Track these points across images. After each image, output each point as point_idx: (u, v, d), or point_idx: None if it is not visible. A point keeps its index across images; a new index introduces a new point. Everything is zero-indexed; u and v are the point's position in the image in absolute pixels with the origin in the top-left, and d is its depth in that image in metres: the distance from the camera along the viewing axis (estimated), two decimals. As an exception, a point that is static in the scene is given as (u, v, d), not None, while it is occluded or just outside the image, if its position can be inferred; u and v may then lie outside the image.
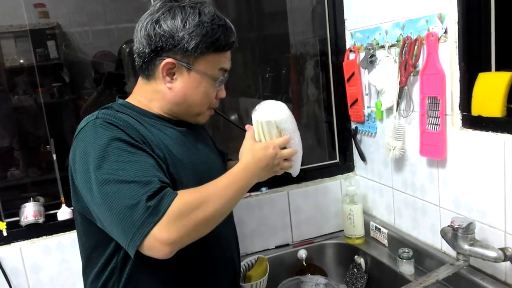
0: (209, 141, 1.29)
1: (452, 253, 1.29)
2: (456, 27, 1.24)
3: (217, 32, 1.05)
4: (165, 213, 0.88)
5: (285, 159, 1.13)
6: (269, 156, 1.09)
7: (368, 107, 1.68)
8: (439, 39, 1.29)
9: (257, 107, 1.14)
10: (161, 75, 1.07)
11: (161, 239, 0.87)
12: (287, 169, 1.16)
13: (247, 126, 1.15)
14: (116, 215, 0.89)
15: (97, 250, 1.06)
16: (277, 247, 1.75)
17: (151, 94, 1.11)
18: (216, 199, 0.96)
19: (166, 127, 1.10)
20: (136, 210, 0.87)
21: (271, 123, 1.11)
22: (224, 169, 1.18)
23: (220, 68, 1.11)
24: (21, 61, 1.59)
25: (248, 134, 1.13)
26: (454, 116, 1.29)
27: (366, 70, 1.61)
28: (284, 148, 1.12)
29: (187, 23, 1.03)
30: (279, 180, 1.15)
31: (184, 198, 0.91)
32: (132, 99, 1.13)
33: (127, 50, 1.67)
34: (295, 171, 1.20)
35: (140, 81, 1.14)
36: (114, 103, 1.12)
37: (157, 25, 1.04)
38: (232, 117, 1.89)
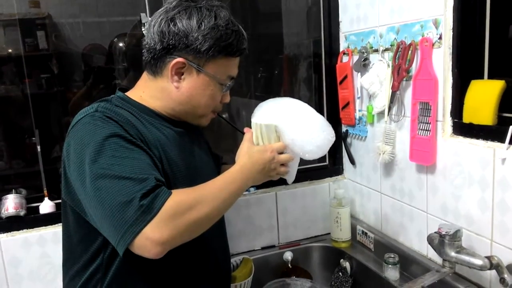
0: (204, 144, 1.28)
1: (438, 260, 1.28)
2: (451, 33, 1.24)
3: (230, 37, 1.05)
4: (158, 212, 0.86)
5: (282, 164, 1.13)
6: (266, 160, 1.08)
7: (359, 111, 1.67)
8: (433, 45, 1.29)
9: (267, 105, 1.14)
10: (169, 73, 1.06)
11: (152, 239, 0.86)
12: (283, 174, 1.16)
13: (245, 129, 1.16)
14: (108, 210, 0.87)
15: (82, 244, 1.04)
16: (263, 248, 1.74)
17: (155, 91, 1.10)
18: (210, 200, 0.95)
19: (164, 127, 1.09)
20: (129, 207, 0.85)
21: (270, 127, 1.10)
22: (217, 173, 1.18)
23: (228, 74, 1.11)
24: (9, 50, 1.56)
25: (246, 137, 1.14)
26: (445, 122, 1.29)
27: (359, 73, 1.61)
28: (281, 153, 1.12)
29: (203, 24, 1.03)
30: (268, 180, 1.14)
31: (178, 197, 0.90)
32: (133, 94, 1.12)
33: (119, 44, 1.65)
34: (290, 177, 1.19)
35: (145, 76, 1.12)
36: (113, 96, 1.10)
37: (172, 23, 1.03)
38: (224, 116, 1.87)
